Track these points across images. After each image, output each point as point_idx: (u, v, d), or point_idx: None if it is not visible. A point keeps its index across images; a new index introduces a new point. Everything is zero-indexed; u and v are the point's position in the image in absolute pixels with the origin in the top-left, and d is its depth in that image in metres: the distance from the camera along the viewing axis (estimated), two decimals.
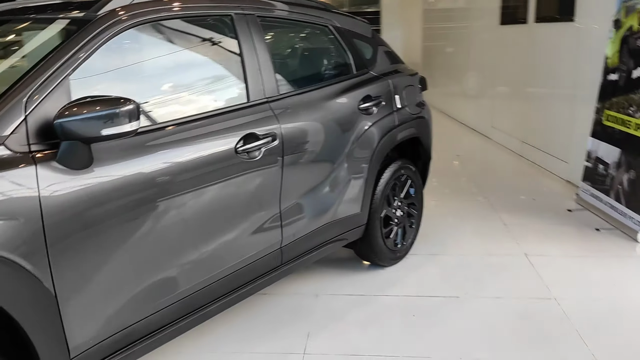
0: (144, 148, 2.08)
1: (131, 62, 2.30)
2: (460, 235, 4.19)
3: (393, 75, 3.57)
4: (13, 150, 1.77)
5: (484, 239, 4.12)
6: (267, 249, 2.67)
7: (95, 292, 1.94)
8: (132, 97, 1.92)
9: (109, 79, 2.17)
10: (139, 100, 2.15)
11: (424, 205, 3.98)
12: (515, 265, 3.66)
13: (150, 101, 2.25)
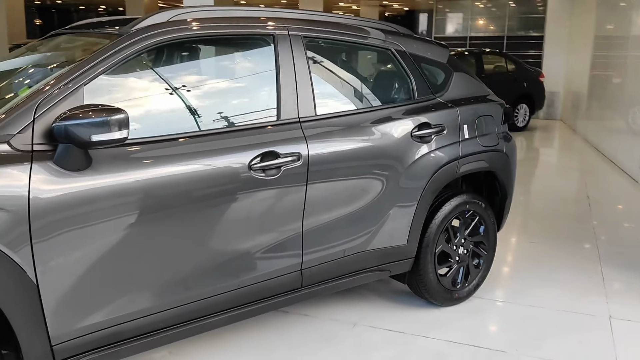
0: (146, 158, 2.19)
1: (156, 76, 2.43)
2: (542, 284, 3.77)
3: (466, 103, 3.34)
4: (15, 148, 1.96)
5: (569, 291, 3.67)
6: (285, 270, 2.64)
7: (78, 288, 2.07)
8: (149, 108, 2.03)
9: (129, 91, 2.32)
10: (155, 110, 2.26)
11: (506, 246, 3.65)
12: (591, 327, 3.21)
13: (165, 113, 2.36)
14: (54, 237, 1.99)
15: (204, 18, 2.53)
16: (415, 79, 3.18)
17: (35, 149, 1.99)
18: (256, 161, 2.44)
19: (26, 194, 1.92)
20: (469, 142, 3.29)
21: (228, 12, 2.65)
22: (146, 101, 2.39)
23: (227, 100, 2.63)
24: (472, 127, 3.32)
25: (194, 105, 2.49)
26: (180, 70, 2.59)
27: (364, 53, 3.15)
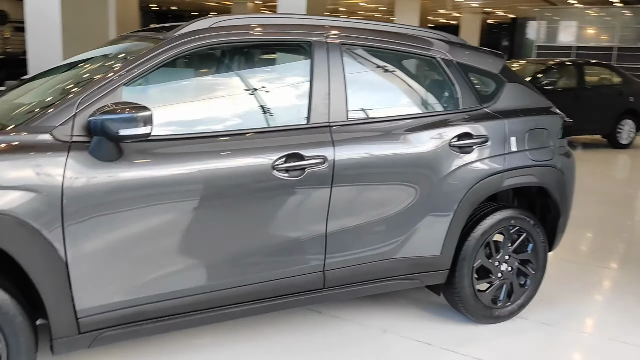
0: (174, 155, 2.35)
1: (195, 78, 2.60)
2: (601, 311, 3.56)
3: (516, 115, 3.24)
4: (56, 138, 2.19)
5: (627, 321, 3.43)
6: (307, 269, 2.72)
7: (104, 268, 2.27)
8: (183, 108, 2.20)
9: (167, 91, 2.50)
10: (187, 109, 2.43)
11: (558, 265, 3.49)
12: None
13: (197, 113, 2.52)
14: (83, 220, 2.19)
15: (242, 25, 2.67)
16: (461, 88, 3.13)
17: (74, 140, 2.22)
18: (280, 162, 2.53)
19: (60, 181, 2.14)
20: (516, 155, 3.18)
21: (267, 20, 2.77)
22: (182, 101, 2.58)
23: (258, 103, 2.75)
24: (522, 139, 3.21)
25: (225, 106, 2.64)
26: (216, 73, 2.75)
27: (406, 61, 3.15)
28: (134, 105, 2.18)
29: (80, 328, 2.29)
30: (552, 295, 3.76)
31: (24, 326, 2.18)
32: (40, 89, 2.78)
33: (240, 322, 3.14)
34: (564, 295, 3.83)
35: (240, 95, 2.75)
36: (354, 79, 2.87)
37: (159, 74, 2.47)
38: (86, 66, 2.83)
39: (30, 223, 2.10)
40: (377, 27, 3.07)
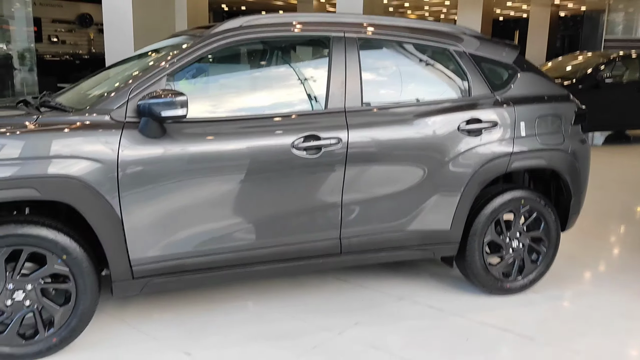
0: (207, 134, 2.82)
1: (225, 69, 3.06)
2: (614, 290, 3.74)
3: (527, 102, 3.49)
4: (114, 120, 2.71)
5: (636, 298, 3.61)
6: (324, 235, 3.11)
7: (151, 226, 2.76)
8: (218, 95, 2.67)
9: (205, 80, 2.98)
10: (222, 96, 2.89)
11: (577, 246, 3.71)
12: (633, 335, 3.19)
13: (227, 97, 2.98)
14: (133, 187, 2.69)
15: (269, 23, 3.11)
16: (472, 77, 3.42)
17: (127, 120, 2.72)
18: (299, 142, 2.94)
19: (116, 154, 2.65)
20: (525, 139, 3.44)
21: (292, 18, 3.19)
22: (215, 89, 3.04)
23: (281, 90, 3.17)
24: (531, 125, 3.46)
25: (252, 93, 3.09)
26: (245, 65, 3.19)
27: (419, 52, 3.45)
28: (173, 91, 2.66)
29: (133, 274, 2.80)
30: (568, 273, 3.98)
31: (89, 271, 2.71)
32: (105, 80, 3.33)
33: (275, 287, 3.59)
34: (580, 274, 4.04)
35: (265, 84, 3.19)
36: (369, 69, 3.23)
37: (198, 65, 2.94)
38: (140, 60, 3.35)
39: (94, 187, 2.63)
40: (393, 23, 3.41)
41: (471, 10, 15.35)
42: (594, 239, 4.89)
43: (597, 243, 4.78)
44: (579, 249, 4.52)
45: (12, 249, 2.59)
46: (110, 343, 2.91)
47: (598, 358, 2.91)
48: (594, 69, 10.09)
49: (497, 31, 28.25)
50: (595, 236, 4.97)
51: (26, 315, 2.68)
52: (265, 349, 2.90)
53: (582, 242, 4.77)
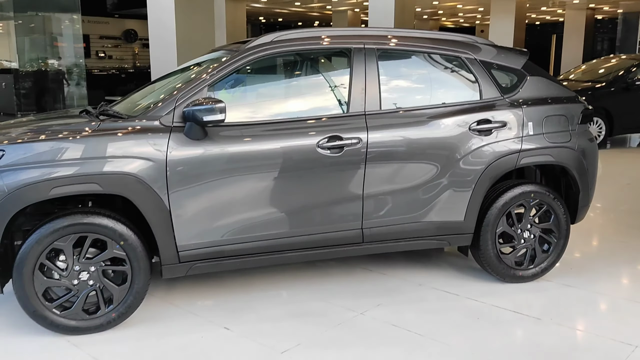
0: (243, 136, 3.23)
1: (259, 79, 3.47)
2: (622, 277, 3.98)
3: (534, 104, 3.78)
4: (163, 125, 3.14)
5: None
6: (347, 225, 3.48)
7: (195, 217, 3.18)
8: (252, 102, 3.09)
9: (241, 89, 3.40)
10: (257, 102, 3.31)
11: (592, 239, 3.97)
12: (635, 316, 3.44)
13: (260, 104, 3.39)
14: (180, 181, 3.12)
15: (297, 38, 3.51)
16: (483, 81, 3.74)
17: (174, 125, 3.16)
18: (323, 142, 3.33)
19: (165, 153, 3.09)
20: (533, 138, 3.73)
21: (317, 33, 3.59)
22: (252, 96, 3.46)
23: (309, 98, 3.57)
24: (539, 124, 3.75)
25: (285, 100, 3.49)
26: (277, 75, 3.59)
27: (433, 60, 3.79)
28: (213, 99, 3.08)
29: (180, 259, 3.23)
30: (581, 264, 4.24)
31: (142, 255, 3.14)
32: (153, 91, 3.79)
33: (305, 275, 3.98)
34: (592, 265, 4.27)
35: (294, 91, 3.60)
36: (387, 76, 3.60)
37: (235, 76, 3.37)
38: (184, 73, 3.79)
39: (147, 182, 3.06)
40: (408, 34, 3.77)
41: (503, 16, 15.51)
42: (612, 233, 5.11)
43: (614, 237, 4.99)
44: (597, 242, 4.75)
45: (79, 236, 3.05)
46: (160, 320, 3.33)
47: (597, 335, 3.17)
48: (625, 72, 10.17)
49: (535, 35, 28.14)
50: (614, 230, 5.18)
51: (89, 293, 3.13)
52: (295, 324, 3.28)
53: (600, 235, 5.00)
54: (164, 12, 7.72)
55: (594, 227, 5.35)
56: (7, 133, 3.21)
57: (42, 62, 15.96)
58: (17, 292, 3.01)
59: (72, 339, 3.08)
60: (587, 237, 4.98)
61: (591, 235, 5.08)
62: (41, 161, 2.96)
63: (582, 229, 5.14)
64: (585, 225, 5.29)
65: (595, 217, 5.66)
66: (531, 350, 3.05)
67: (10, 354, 2.96)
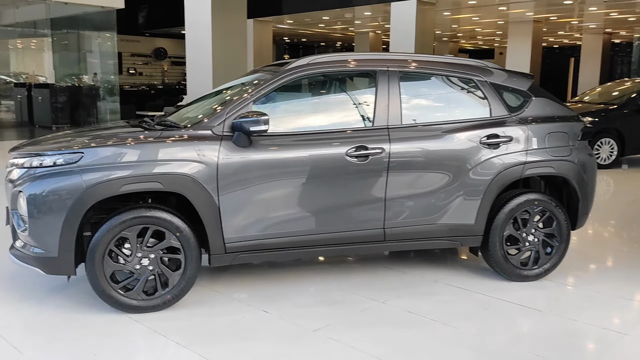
0: (282, 145, 3.75)
1: (296, 96, 4.00)
2: (620, 279, 4.40)
3: (538, 122, 4.25)
4: (214, 134, 3.68)
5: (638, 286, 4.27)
6: (371, 224, 3.96)
7: (240, 213, 3.70)
8: (290, 115, 3.63)
9: (281, 104, 3.94)
10: (295, 116, 3.85)
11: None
12: (633, 311, 3.85)
13: (301, 118, 3.93)
14: (228, 182, 3.64)
15: (330, 61, 4.05)
16: (492, 101, 4.24)
17: (224, 134, 3.69)
18: (351, 151, 3.84)
19: (216, 159, 3.62)
20: (536, 152, 4.20)
21: (347, 57, 4.12)
22: (289, 111, 3.99)
23: (340, 113, 4.09)
24: (542, 140, 4.22)
25: (319, 114, 4.01)
26: (314, 92, 4.13)
27: (449, 82, 4.29)
28: (258, 112, 3.62)
29: (226, 249, 3.74)
30: (583, 267, 4.66)
31: (194, 245, 3.66)
32: (202, 106, 4.34)
33: (333, 271, 4.47)
34: (594, 268, 4.70)
35: (326, 107, 4.13)
36: (407, 95, 4.11)
37: (275, 93, 3.91)
38: (230, 90, 4.35)
39: (200, 182, 3.59)
40: (428, 59, 4.29)
41: (520, 40, 16.01)
42: (613, 242, 5.52)
43: (615, 245, 5.41)
44: (599, 249, 5.18)
45: (142, 227, 3.58)
46: (207, 303, 3.83)
47: (590, 324, 3.60)
48: (637, 94, 10.56)
49: (554, 58, 28.55)
50: (615, 240, 5.59)
51: (149, 277, 3.64)
52: (325, 310, 3.76)
53: (602, 243, 5.42)
54: (201, 34, 8.36)
55: (597, 236, 5.77)
56: (78, 139, 3.76)
57: (76, 77, 16.79)
58: (88, 274, 3.54)
59: (133, 316, 3.59)
60: (589, 245, 5.40)
61: (593, 244, 5.50)
62: (114, 162, 3.51)
63: (586, 238, 5.57)
64: (588, 235, 5.73)
65: (599, 227, 6.07)
66: (531, 334, 3.49)
67: (82, 326, 3.48)
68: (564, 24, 17.69)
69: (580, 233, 5.55)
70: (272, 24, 16.61)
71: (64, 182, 3.46)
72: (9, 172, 3.73)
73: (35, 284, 4.09)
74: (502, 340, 3.38)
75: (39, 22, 16.37)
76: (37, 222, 3.48)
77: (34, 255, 3.55)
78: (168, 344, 3.27)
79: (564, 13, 15.41)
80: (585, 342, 3.39)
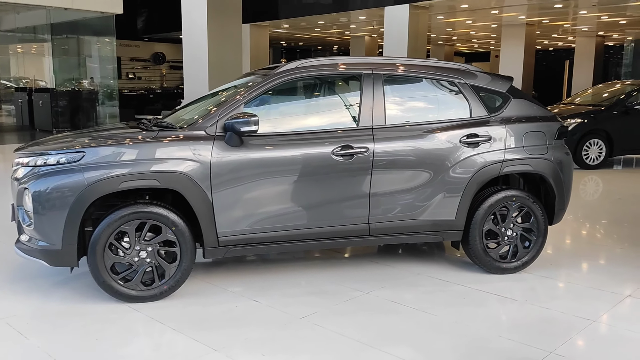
0: (272, 144, 3.99)
1: (285, 98, 4.24)
2: (595, 272, 4.63)
3: (516, 122, 4.49)
4: (208, 134, 3.91)
5: (610, 277, 4.49)
6: (356, 219, 4.20)
7: (232, 209, 3.93)
8: (280, 116, 3.86)
9: (270, 106, 4.17)
10: (282, 117, 4.08)
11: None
12: (603, 300, 4.09)
13: (288, 119, 4.16)
14: (220, 179, 3.87)
15: (317, 64, 4.28)
16: (472, 102, 4.47)
17: (217, 134, 3.93)
18: (337, 150, 4.07)
19: (209, 157, 3.85)
20: (514, 150, 4.44)
21: (334, 61, 4.36)
22: (279, 112, 4.23)
23: (327, 114, 4.33)
24: (520, 139, 4.46)
25: (307, 115, 4.25)
26: (301, 95, 4.36)
27: (430, 84, 4.53)
28: (249, 113, 3.86)
29: (219, 243, 3.97)
30: (562, 262, 4.89)
31: (189, 240, 3.89)
32: (197, 108, 4.58)
33: (321, 265, 4.69)
34: (572, 263, 4.93)
35: (313, 108, 4.37)
36: (391, 97, 4.34)
37: (265, 96, 4.15)
38: (223, 93, 4.59)
39: (195, 180, 3.82)
40: (411, 62, 4.53)
41: (514, 43, 16.27)
42: (593, 237, 5.76)
43: (595, 241, 5.64)
44: (577, 244, 5.41)
45: (140, 222, 3.80)
46: (201, 294, 4.06)
47: (562, 312, 3.83)
48: (626, 96, 10.81)
49: (549, 60, 28.83)
50: (595, 235, 5.82)
51: (147, 269, 3.87)
52: (312, 299, 3.99)
53: (583, 240, 5.65)
54: (198, 35, 8.61)
55: (578, 232, 6.00)
56: (79, 140, 3.99)
57: (76, 82, 17.05)
58: (90, 265, 3.77)
59: (132, 305, 3.82)
60: (569, 240, 5.64)
61: (574, 239, 5.74)
62: (113, 161, 3.74)
63: (567, 233, 5.81)
64: (570, 230, 5.97)
65: (581, 223, 6.31)
66: (505, 321, 3.72)
67: (84, 314, 3.70)
68: (557, 27, 17.96)
69: (562, 229, 5.79)
70: (268, 28, 16.87)
71: (67, 179, 3.69)
72: (14, 171, 3.96)
73: (39, 276, 4.32)
74: (477, 327, 3.61)
75: (39, 27, 16.64)
76: (41, 217, 3.71)
77: (39, 248, 3.78)
78: (164, 330, 3.49)
79: (556, 16, 15.67)
80: (556, 328, 3.61)
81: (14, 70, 19.36)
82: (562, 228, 5.83)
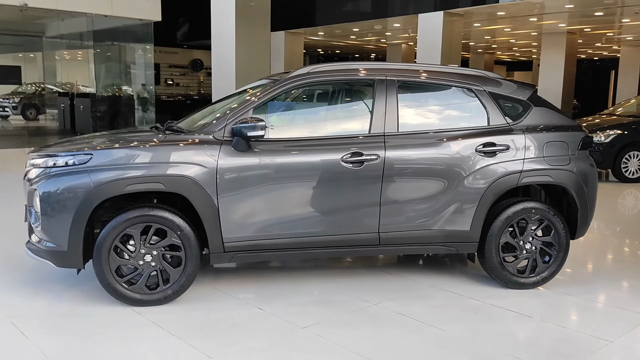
0: (279, 150, 3.93)
1: (296, 103, 4.18)
2: (617, 289, 4.39)
3: (537, 131, 4.31)
4: (215, 138, 3.88)
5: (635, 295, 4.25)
6: (366, 229, 4.09)
7: (238, 214, 3.88)
8: (289, 121, 3.81)
9: (281, 111, 4.12)
10: (293, 122, 4.03)
11: None
12: (623, 320, 3.86)
13: (298, 124, 4.09)
14: (227, 184, 3.84)
15: (329, 70, 4.21)
16: (490, 110, 4.31)
17: (224, 139, 3.89)
18: (347, 157, 3.98)
19: (216, 163, 3.82)
20: (533, 160, 4.25)
21: (347, 66, 4.28)
22: (288, 117, 4.16)
23: (337, 120, 4.25)
24: (540, 149, 4.27)
25: (317, 121, 4.18)
26: (311, 100, 4.29)
27: (447, 91, 4.39)
28: (256, 118, 3.81)
29: (225, 249, 3.92)
30: (584, 277, 4.66)
31: (195, 244, 3.85)
32: (209, 112, 4.56)
33: (330, 274, 4.60)
34: (594, 279, 4.69)
35: (324, 114, 4.28)
36: (405, 104, 4.23)
37: (276, 101, 4.10)
38: (234, 97, 4.56)
39: (201, 184, 3.79)
40: (426, 68, 4.40)
41: (554, 51, 15.84)
42: (620, 253, 5.47)
43: (621, 257, 5.36)
44: (607, 262, 5.15)
45: (145, 225, 3.80)
46: (206, 299, 4.02)
47: (579, 331, 3.63)
48: None
49: (594, 70, 27.99)
50: (623, 251, 5.54)
51: (151, 273, 3.85)
52: (317, 309, 3.89)
53: (611, 257, 5.38)
54: (226, 46, 8.68)
55: (607, 248, 5.73)
56: (90, 142, 4.03)
57: (116, 87, 17.46)
58: (95, 268, 3.78)
59: (135, 309, 3.80)
60: (597, 256, 5.38)
61: (601, 255, 5.47)
62: (119, 164, 3.75)
63: (596, 248, 5.54)
64: (599, 246, 5.70)
65: (612, 239, 6.02)
66: (515, 338, 3.55)
67: (86, 316, 3.71)
68: (600, 35, 17.40)
69: (589, 244, 5.53)
70: (303, 35, 16.90)
71: (74, 181, 3.71)
72: (27, 172, 4.02)
73: (52, 277, 4.36)
74: (484, 343, 3.45)
75: (82, 34, 17.11)
76: (49, 217, 3.74)
77: (47, 249, 3.81)
78: (163, 335, 3.46)
79: (598, 24, 15.18)
80: (570, 348, 3.42)
81: (58, 76, 19.96)
82: (593, 243, 5.58)
